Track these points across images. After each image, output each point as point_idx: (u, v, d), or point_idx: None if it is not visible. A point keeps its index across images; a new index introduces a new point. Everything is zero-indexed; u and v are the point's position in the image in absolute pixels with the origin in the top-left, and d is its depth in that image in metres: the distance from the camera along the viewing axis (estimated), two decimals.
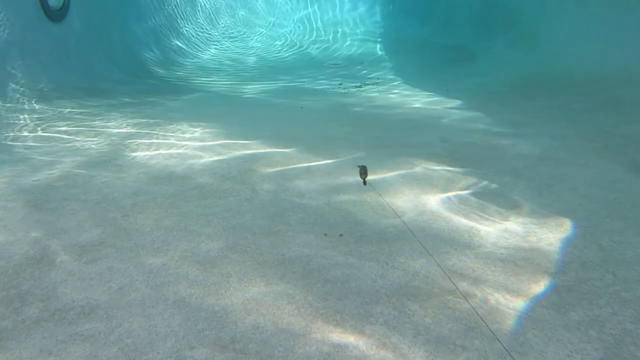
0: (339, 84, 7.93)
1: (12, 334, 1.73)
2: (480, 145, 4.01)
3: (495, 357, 1.58)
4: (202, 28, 13.46)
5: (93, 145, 4.14)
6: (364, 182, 2.94)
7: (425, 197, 2.94)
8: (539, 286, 1.98)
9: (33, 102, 5.64)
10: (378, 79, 8.38)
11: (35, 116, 5.13)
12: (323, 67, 10.05)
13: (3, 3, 5.95)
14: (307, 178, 3.29)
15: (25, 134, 4.49)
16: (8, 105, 5.34)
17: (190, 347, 1.65)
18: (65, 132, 4.56)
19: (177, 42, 11.47)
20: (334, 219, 2.64)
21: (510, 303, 1.87)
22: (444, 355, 1.60)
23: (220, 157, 3.78)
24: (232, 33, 14.67)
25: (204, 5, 14.34)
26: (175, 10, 12.35)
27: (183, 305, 1.88)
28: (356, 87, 7.63)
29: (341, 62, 10.58)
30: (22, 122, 4.88)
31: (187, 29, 12.49)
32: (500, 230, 2.48)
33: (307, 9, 16.25)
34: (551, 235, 2.41)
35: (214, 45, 12.95)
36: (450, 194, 2.97)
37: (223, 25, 14.78)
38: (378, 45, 12.03)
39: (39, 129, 4.66)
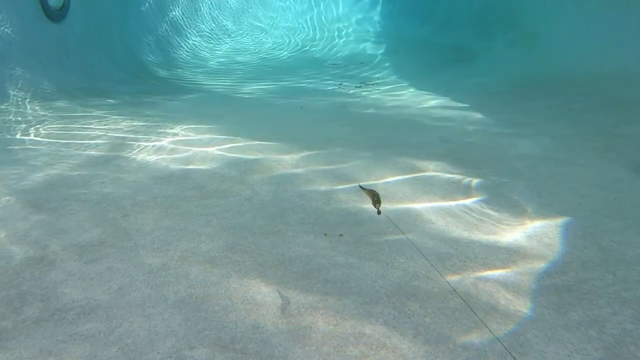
0: (339, 84, 7.93)
1: (12, 334, 1.73)
2: (480, 145, 4.01)
3: (495, 358, 1.58)
4: (203, 28, 13.47)
5: (93, 145, 4.14)
6: (378, 212, 2.62)
7: (425, 196, 2.94)
8: (539, 286, 1.98)
9: (33, 102, 5.64)
10: (378, 79, 8.38)
11: (35, 116, 5.13)
12: (323, 67, 10.05)
13: (3, 3, 5.95)
14: (307, 178, 3.29)
15: (25, 134, 4.49)
16: (8, 105, 5.34)
17: (190, 347, 1.65)
18: (65, 132, 4.56)
19: (178, 42, 11.47)
20: (334, 219, 2.64)
21: (510, 303, 1.87)
22: (443, 355, 1.60)
23: (221, 157, 3.78)
24: (233, 33, 14.67)
25: (205, 4, 14.34)
26: (176, 10, 12.35)
27: (183, 305, 1.88)
28: (356, 87, 7.63)
29: (341, 62, 10.58)
30: (22, 122, 4.88)
31: (187, 28, 12.49)
32: (500, 230, 2.49)
33: (308, 9, 16.24)
34: (551, 235, 2.41)
35: (215, 45, 12.96)
36: (450, 194, 2.97)
37: (223, 25, 14.78)
38: (378, 45, 12.02)
39: (38, 129, 4.66)
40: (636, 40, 5.73)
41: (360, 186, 2.89)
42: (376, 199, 2.64)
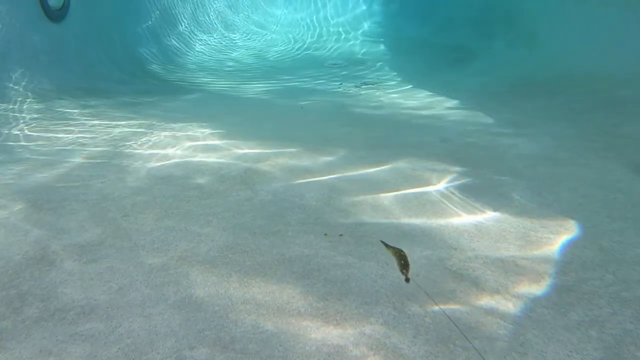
0: (339, 84, 7.93)
1: (12, 334, 1.73)
2: (480, 145, 4.01)
3: (495, 358, 1.58)
4: (203, 28, 13.46)
5: (93, 145, 4.14)
6: (407, 280, 2.05)
7: (425, 197, 2.94)
8: (539, 286, 1.98)
9: (32, 102, 5.64)
10: (378, 78, 8.38)
11: (35, 116, 5.13)
12: (323, 67, 10.04)
13: (3, 3, 5.95)
14: (307, 178, 3.29)
15: (25, 134, 4.49)
16: (7, 105, 5.34)
17: (190, 347, 1.65)
18: (65, 132, 4.56)
19: (177, 42, 11.47)
20: (334, 219, 2.64)
21: (510, 303, 1.87)
22: (443, 356, 1.60)
23: (221, 157, 3.78)
24: (233, 33, 14.67)
25: (205, 4, 14.34)
26: (176, 10, 12.35)
27: (183, 305, 1.88)
28: (356, 87, 7.63)
29: (341, 62, 10.57)
30: (21, 122, 4.88)
31: (188, 28, 12.49)
32: (500, 230, 2.49)
33: (309, 10, 16.24)
34: (551, 235, 2.41)
35: (215, 45, 12.96)
36: (450, 194, 2.97)
37: (224, 25, 14.78)
38: (378, 45, 12.02)
39: (38, 129, 4.66)
40: (636, 40, 5.72)
41: (383, 243, 2.36)
42: (403, 262, 2.12)
